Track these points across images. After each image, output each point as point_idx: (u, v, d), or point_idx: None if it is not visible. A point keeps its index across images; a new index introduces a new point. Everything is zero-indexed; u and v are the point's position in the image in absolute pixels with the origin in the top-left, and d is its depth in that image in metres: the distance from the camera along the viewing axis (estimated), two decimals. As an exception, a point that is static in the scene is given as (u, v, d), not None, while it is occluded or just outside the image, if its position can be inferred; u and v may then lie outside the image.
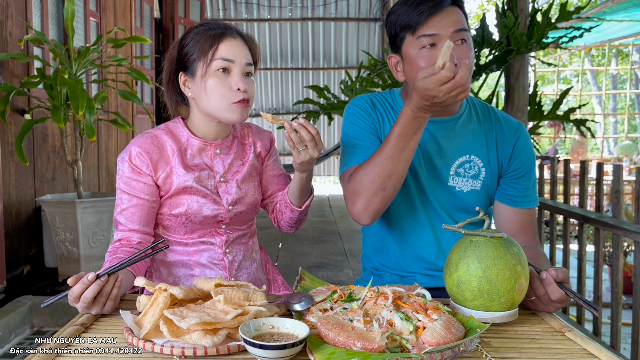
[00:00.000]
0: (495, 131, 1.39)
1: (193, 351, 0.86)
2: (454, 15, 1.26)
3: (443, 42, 1.23)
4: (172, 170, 1.32)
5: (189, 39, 1.31)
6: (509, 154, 1.38)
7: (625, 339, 2.82)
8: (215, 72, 1.27)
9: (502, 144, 1.39)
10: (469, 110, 1.40)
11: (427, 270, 1.41)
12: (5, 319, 2.67)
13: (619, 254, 2.45)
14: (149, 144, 1.32)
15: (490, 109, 1.43)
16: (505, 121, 1.41)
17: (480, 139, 1.38)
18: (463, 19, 1.28)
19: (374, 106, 1.41)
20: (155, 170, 1.31)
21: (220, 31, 1.29)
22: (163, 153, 1.32)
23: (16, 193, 3.38)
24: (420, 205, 1.39)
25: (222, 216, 1.36)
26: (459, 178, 1.37)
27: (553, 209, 3.00)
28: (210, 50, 1.27)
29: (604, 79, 11.78)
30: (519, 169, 1.39)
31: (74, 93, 2.90)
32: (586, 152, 8.28)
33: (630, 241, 3.32)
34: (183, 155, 1.34)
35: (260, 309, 0.95)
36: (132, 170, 1.30)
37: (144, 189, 1.30)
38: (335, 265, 4.11)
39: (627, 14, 6.05)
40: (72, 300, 1.02)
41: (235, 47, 1.29)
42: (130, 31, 5.33)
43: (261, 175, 1.46)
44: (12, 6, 3.35)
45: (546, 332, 1.01)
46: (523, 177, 1.39)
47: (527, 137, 1.41)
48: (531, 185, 1.40)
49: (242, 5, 9.03)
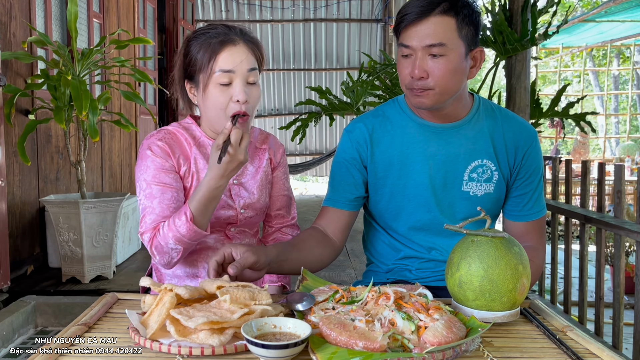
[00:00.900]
0: (505, 134, 1.37)
1: (200, 350, 0.87)
2: (432, 27, 1.22)
3: (417, 53, 1.25)
4: (190, 166, 1.31)
5: (192, 46, 1.28)
6: (520, 161, 1.37)
7: (627, 339, 2.82)
8: (216, 85, 1.24)
9: (515, 149, 1.37)
10: (478, 113, 1.38)
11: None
12: (9, 318, 2.68)
13: (620, 254, 2.45)
14: (167, 138, 1.32)
15: (499, 110, 1.41)
16: (520, 127, 1.39)
17: (490, 142, 1.37)
18: (446, 30, 1.23)
19: (369, 136, 1.40)
20: (177, 161, 1.31)
21: (220, 39, 1.24)
22: (182, 148, 1.32)
23: (20, 193, 3.39)
24: (438, 212, 1.38)
25: (233, 218, 1.36)
26: (473, 183, 1.36)
27: (555, 209, 3.00)
28: (210, 63, 1.23)
29: (605, 79, 11.75)
30: (529, 177, 1.38)
31: (78, 94, 2.91)
32: (588, 152, 8.26)
33: (632, 241, 3.32)
34: (200, 151, 1.33)
35: (267, 308, 0.96)
36: (159, 161, 1.28)
37: (173, 179, 1.29)
38: (337, 265, 4.11)
39: (629, 14, 6.04)
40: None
41: (236, 55, 1.24)
42: (134, 32, 5.34)
43: (271, 185, 1.46)
44: (16, 7, 3.36)
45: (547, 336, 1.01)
46: (531, 185, 1.38)
47: (539, 147, 1.41)
48: (539, 197, 1.40)
49: (245, 6, 9.03)
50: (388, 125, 1.40)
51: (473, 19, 1.26)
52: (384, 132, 1.40)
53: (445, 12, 1.23)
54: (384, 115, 1.42)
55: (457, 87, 1.28)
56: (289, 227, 1.52)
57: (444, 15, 1.23)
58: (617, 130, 12.58)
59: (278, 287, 1.45)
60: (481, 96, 1.45)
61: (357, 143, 1.40)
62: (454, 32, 1.24)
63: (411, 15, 1.24)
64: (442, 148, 1.36)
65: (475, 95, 1.41)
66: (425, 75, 1.25)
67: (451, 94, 1.28)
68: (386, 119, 1.41)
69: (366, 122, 1.42)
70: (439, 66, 1.24)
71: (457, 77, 1.27)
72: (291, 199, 1.51)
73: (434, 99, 1.28)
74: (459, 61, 1.26)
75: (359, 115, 2.12)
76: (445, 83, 1.25)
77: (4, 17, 3.23)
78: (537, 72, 8.75)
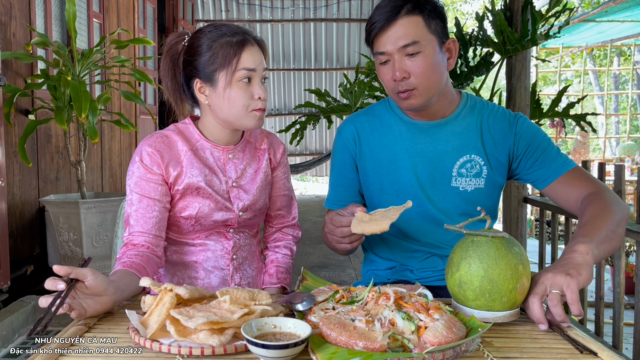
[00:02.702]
0: (491, 128, 1.39)
1: (200, 350, 0.87)
2: (402, 29, 1.26)
3: (394, 57, 1.27)
4: (182, 169, 1.30)
5: (204, 44, 1.26)
6: (513, 143, 1.38)
7: (627, 339, 2.82)
8: (238, 83, 1.25)
9: (503, 138, 1.38)
10: (464, 109, 1.41)
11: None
12: (9, 318, 2.68)
13: (621, 254, 2.45)
14: (159, 143, 1.30)
15: (486, 105, 1.43)
16: (502, 115, 1.40)
17: (478, 137, 1.38)
18: (416, 28, 1.26)
19: (357, 134, 1.44)
20: (166, 169, 1.29)
21: (241, 38, 1.26)
22: (174, 152, 1.31)
23: (20, 193, 3.39)
24: (430, 206, 1.39)
25: (231, 221, 1.36)
26: (462, 178, 1.38)
27: (555, 208, 3.00)
28: (233, 60, 1.24)
29: (605, 79, 11.76)
30: (533, 146, 1.37)
31: (77, 95, 2.91)
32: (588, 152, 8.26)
33: (632, 241, 3.32)
34: (194, 154, 1.32)
35: (267, 308, 0.96)
36: (143, 170, 1.28)
37: (154, 189, 1.28)
38: (337, 265, 4.12)
39: (629, 14, 6.04)
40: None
41: (255, 54, 1.27)
42: (134, 32, 5.34)
43: (271, 185, 1.46)
44: (16, 7, 3.36)
45: (548, 331, 1.01)
46: (541, 148, 1.37)
47: (526, 121, 1.40)
48: (557, 154, 1.37)
49: (245, 6, 9.03)
50: (377, 124, 1.44)
51: (438, 13, 1.30)
52: (372, 130, 1.44)
53: (410, 12, 1.26)
54: (374, 113, 1.46)
55: (440, 81, 1.31)
56: (289, 227, 1.52)
57: (410, 15, 1.26)
58: (617, 130, 12.59)
59: (278, 288, 1.45)
60: (469, 93, 1.46)
61: (346, 143, 1.46)
62: (423, 28, 1.27)
63: (379, 22, 1.27)
64: (429, 145, 1.38)
65: (463, 92, 1.44)
66: (407, 75, 1.28)
67: (435, 88, 1.31)
68: (375, 117, 1.45)
69: (355, 121, 1.47)
70: (418, 64, 1.27)
71: (437, 70, 1.30)
72: (292, 198, 1.51)
73: (421, 99, 1.31)
74: (435, 55, 1.29)
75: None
76: (427, 79, 1.28)
77: (4, 17, 3.23)
78: (537, 72, 8.75)
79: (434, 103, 1.35)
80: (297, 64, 9.38)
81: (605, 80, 11.71)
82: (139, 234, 1.26)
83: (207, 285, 1.37)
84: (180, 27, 6.91)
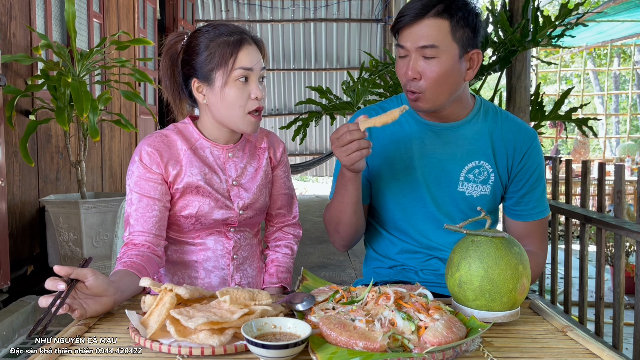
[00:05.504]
0: (504, 136, 1.38)
1: (200, 351, 0.87)
2: (425, 29, 1.24)
3: (411, 54, 1.26)
4: (182, 168, 1.30)
5: (202, 44, 1.27)
6: (519, 162, 1.38)
7: (627, 339, 2.82)
8: (235, 82, 1.25)
9: (514, 151, 1.38)
10: (478, 115, 1.39)
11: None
12: (9, 318, 2.68)
13: (621, 254, 2.45)
14: (158, 142, 1.30)
15: (499, 113, 1.42)
16: (520, 128, 1.40)
17: (489, 144, 1.38)
18: (439, 33, 1.24)
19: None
20: (165, 168, 1.29)
21: (238, 37, 1.26)
22: (173, 151, 1.31)
23: (20, 193, 3.39)
24: (435, 208, 1.38)
25: (232, 220, 1.36)
26: (469, 183, 1.37)
27: (555, 209, 3.00)
28: (230, 59, 1.24)
29: (606, 79, 11.75)
30: (529, 177, 1.38)
31: (78, 95, 2.91)
32: (588, 152, 8.25)
33: (632, 241, 3.31)
34: (194, 153, 1.32)
35: (267, 308, 0.96)
36: (143, 170, 1.28)
37: (154, 188, 1.28)
38: (337, 265, 4.12)
39: (629, 14, 6.04)
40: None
41: (253, 53, 1.27)
42: (134, 32, 5.34)
43: (272, 183, 1.46)
44: (16, 7, 3.36)
45: (548, 331, 1.01)
46: (533, 186, 1.39)
47: (539, 147, 1.41)
48: (541, 196, 1.41)
49: (245, 6, 9.04)
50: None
51: (469, 21, 1.27)
52: (383, 127, 1.41)
53: (439, 15, 1.24)
54: (384, 110, 1.43)
55: (451, 89, 1.29)
56: (290, 226, 1.52)
57: (437, 17, 1.24)
58: (617, 130, 12.58)
59: (278, 288, 1.45)
60: (483, 98, 1.45)
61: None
62: (447, 34, 1.25)
63: (407, 17, 1.26)
64: (439, 147, 1.37)
65: (477, 97, 1.42)
66: (418, 76, 1.27)
67: (444, 96, 1.29)
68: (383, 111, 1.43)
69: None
70: (431, 68, 1.26)
71: (451, 79, 1.28)
72: (292, 197, 1.51)
73: (428, 104, 1.30)
74: (452, 63, 1.26)
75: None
76: (437, 85, 1.27)
77: (4, 18, 3.23)
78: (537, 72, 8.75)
79: (446, 107, 1.34)
80: (297, 64, 9.38)
81: (605, 80, 11.71)
82: (139, 234, 1.26)
83: (207, 285, 1.37)
84: (180, 27, 6.91)
